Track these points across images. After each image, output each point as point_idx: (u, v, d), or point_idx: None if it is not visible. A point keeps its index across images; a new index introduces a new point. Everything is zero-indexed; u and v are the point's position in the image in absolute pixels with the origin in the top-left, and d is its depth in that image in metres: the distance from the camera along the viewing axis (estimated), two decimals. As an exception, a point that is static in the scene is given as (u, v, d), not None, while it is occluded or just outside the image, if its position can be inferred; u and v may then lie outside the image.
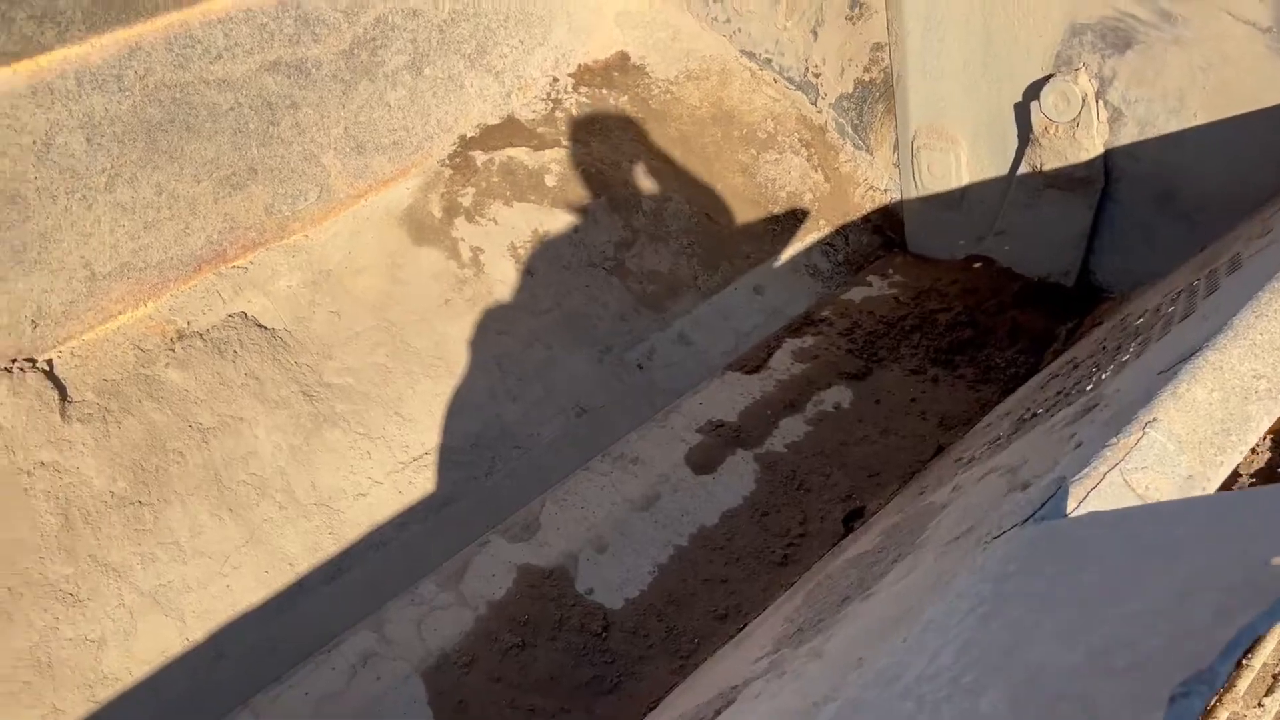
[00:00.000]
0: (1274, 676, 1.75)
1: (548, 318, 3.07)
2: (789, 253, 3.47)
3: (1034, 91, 2.78)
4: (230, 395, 2.78)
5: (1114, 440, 1.42)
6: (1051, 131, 2.80)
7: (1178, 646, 0.75)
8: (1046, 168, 2.87)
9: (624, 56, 3.73)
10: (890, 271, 3.36)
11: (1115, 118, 2.70)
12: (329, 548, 2.61)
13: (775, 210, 3.53)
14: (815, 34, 3.39)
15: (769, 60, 3.60)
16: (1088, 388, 1.93)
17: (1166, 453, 1.41)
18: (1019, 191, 2.99)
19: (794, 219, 3.53)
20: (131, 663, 2.39)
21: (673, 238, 3.37)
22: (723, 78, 3.69)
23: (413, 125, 3.33)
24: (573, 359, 3.02)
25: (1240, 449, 1.48)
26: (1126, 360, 1.93)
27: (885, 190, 3.50)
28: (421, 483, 2.74)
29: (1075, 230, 2.92)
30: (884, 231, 3.54)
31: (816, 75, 3.50)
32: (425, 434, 2.80)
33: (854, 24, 3.27)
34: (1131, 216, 2.83)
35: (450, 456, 2.79)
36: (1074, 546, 1.19)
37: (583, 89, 3.61)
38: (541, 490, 2.77)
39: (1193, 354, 1.55)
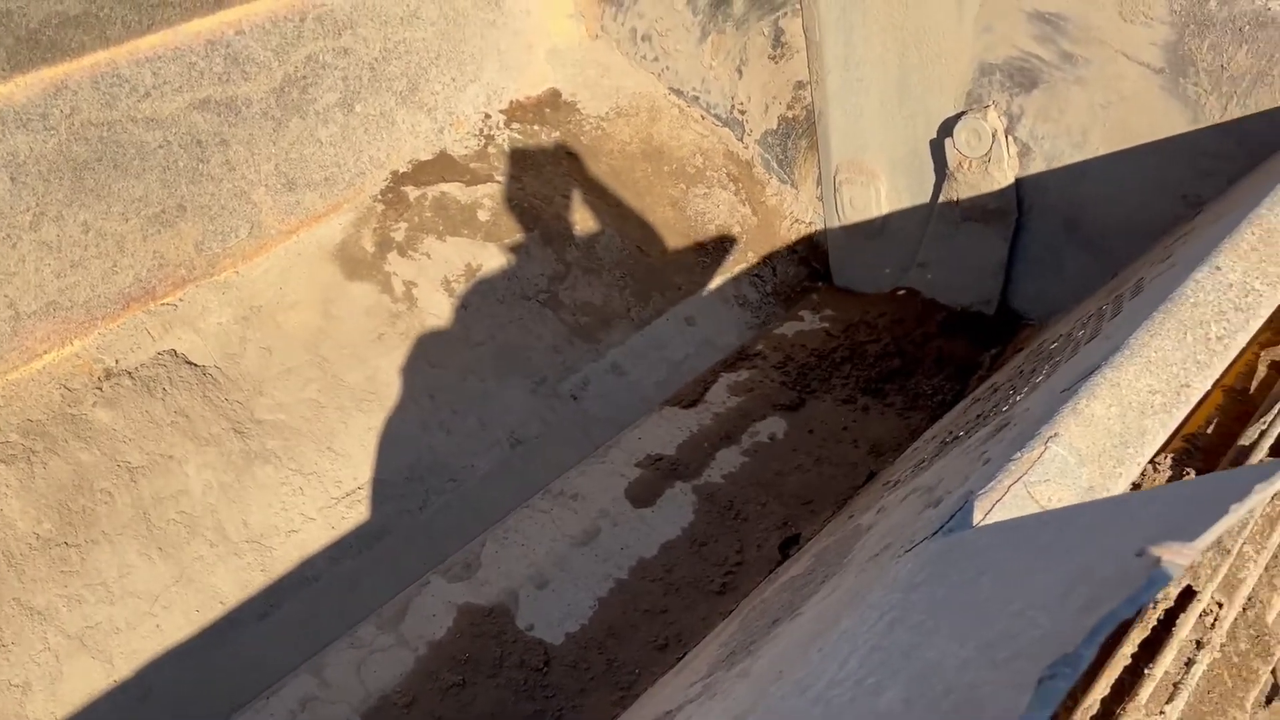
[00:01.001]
0: (1174, 685, 1.83)
1: (481, 350, 3.10)
2: (719, 284, 3.55)
3: (947, 128, 2.90)
4: (159, 434, 2.76)
5: (1018, 455, 1.48)
6: (966, 166, 2.91)
7: (1053, 637, 0.78)
8: (963, 201, 2.99)
9: (555, 93, 3.79)
10: (821, 305, 3.45)
11: (1024, 152, 2.82)
12: (260, 585, 2.60)
13: (705, 242, 3.61)
14: (740, 72, 3.50)
15: (696, 97, 3.70)
16: (1003, 409, 2.01)
17: (1068, 465, 1.48)
18: (938, 224, 3.10)
19: (723, 251, 3.61)
20: (58, 707, 2.36)
21: (605, 270, 3.42)
22: (652, 114, 3.78)
23: (345, 161, 3.35)
24: (507, 390, 3.05)
25: (1138, 461, 1.57)
26: (1039, 382, 2.02)
27: (810, 223, 3.60)
28: (354, 517, 2.74)
29: (993, 260, 3.03)
30: (809, 263, 3.63)
31: (742, 112, 3.60)
32: (358, 469, 2.81)
33: (777, 63, 3.38)
34: (1042, 246, 2.96)
35: (383, 490, 2.80)
36: (974, 554, 1.25)
37: (515, 125, 3.67)
38: (477, 522, 2.79)
39: (1092, 372, 1.62)
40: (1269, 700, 3.05)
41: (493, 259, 3.29)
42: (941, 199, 3.05)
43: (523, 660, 2.41)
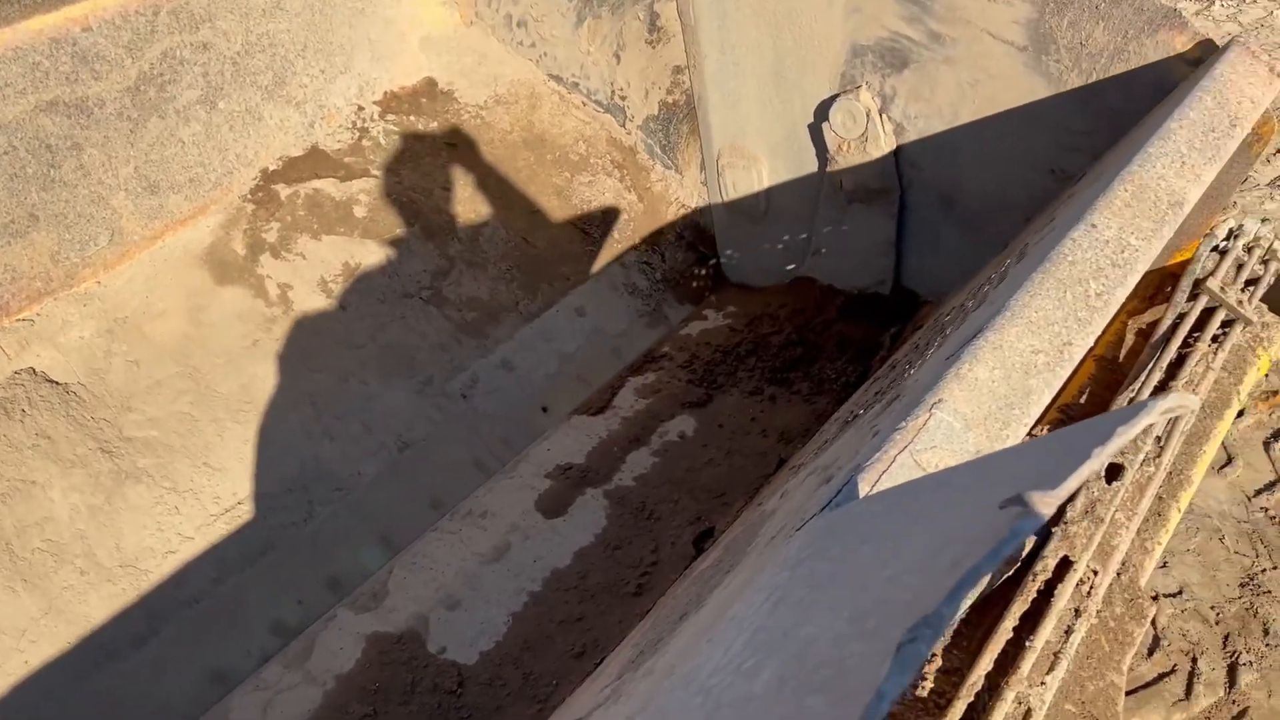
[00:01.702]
0: (1055, 654, 1.86)
1: (363, 352, 3.00)
2: (608, 272, 3.51)
3: (823, 110, 2.90)
4: (19, 458, 2.61)
5: (903, 424, 1.48)
6: (845, 148, 2.93)
7: (920, 600, 0.76)
8: (846, 184, 3.00)
9: (431, 83, 3.69)
10: (723, 302, 3.45)
11: (899, 131, 2.85)
12: (137, 611, 2.48)
13: (592, 231, 3.56)
14: (618, 58, 3.45)
15: (576, 84, 3.64)
16: (897, 384, 2.02)
17: (953, 431, 1.48)
18: (826, 209, 3.11)
19: (611, 239, 3.57)
20: (-82, 757, 2.21)
21: (490, 263, 3.35)
22: (532, 101, 3.71)
23: (210, 161, 3.20)
24: (392, 392, 2.97)
25: (1024, 421, 1.57)
26: (930, 355, 2.02)
27: (696, 208, 3.59)
28: (236, 534, 2.64)
29: (882, 239, 3.05)
30: (697, 248, 3.62)
31: (623, 98, 3.55)
32: (237, 483, 2.70)
33: (654, 48, 3.34)
34: (921, 223, 2.99)
35: (266, 504, 2.69)
36: (856, 526, 1.23)
37: (390, 117, 3.56)
38: (366, 529, 2.72)
39: (974, 336, 1.62)
40: (1150, 653, 3.16)
41: (371, 257, 3.19)
42: (826, 184, 3.06)
43: (435, 684, 2.36)
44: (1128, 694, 3.03)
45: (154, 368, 2.83)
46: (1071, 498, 1.94)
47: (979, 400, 1.51)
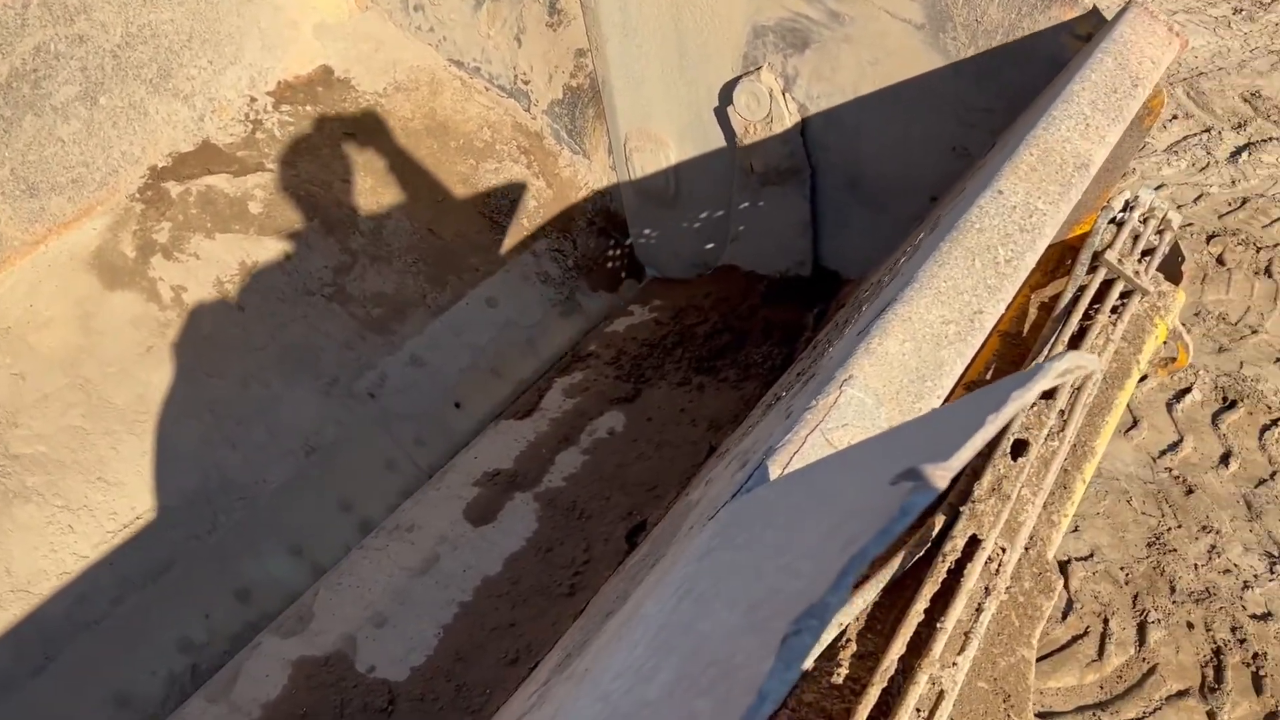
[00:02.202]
0: (966, 634, 1.87)
1: (264, 354, 2.90)
2: (519, 262, 3.45)
3: (727, 93, 2.88)
4: (-104, 481, 2.47)
5: (814, 402, 1.43)
6: (752, 130, 2.91)
7: (812, 587, 0.71)
8: (757, 166, 2.98)
9: (327, 71, 3.57)
10: (649, 297, 3.41)
11: (803, 111, 2.83)
12: (32, 637, 2.37)
13: (500, 220, 3.49)
14: (519, 41, 3.38)
15: (478, 69, 3.56)
16: (816, 363, 1.99)
17: (865, 407, 1.44)
18: (740, 195, 3.08)
19: (520, 227, 3.51)
20: None
21: (395, 256, 3.27)
22: (433, 88, 3.61)
23: (93, 160, 3.06)
24: (296, 395, 2.87)
25: (938, 394, 1.54)
26: (846, 332, 2.00)
27: (606, 193, 3.54)
28: (136, 551, 2.53)
29: (797, 220, 3.04)
30: (610, 233, 3.58)
31: (526, 82, 3.48)
32: (135, 497, 2.59)
33: (555, 31, 3.27)
34: (830, 204, 2.99)
35: (166, 517, 2.59)
36: (761, 510, 1.19)
37: (284, 107, 3.44)
38: (274, 538, 2.63)
39: (884, 309, 1.57)
40: (1064, 616, 3.23)
41: (269, 254, 3.08)
42: (738, 167, 3.03)
43: (365, 704, 2.30)
44: (1043, 659, 3.09)
45: (41, 380, 2.70)
46: (979, 477, 1.95)
47: (890, 374, 1.47)
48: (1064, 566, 3.37)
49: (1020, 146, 1.85)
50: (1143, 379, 3.21)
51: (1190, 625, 3.17)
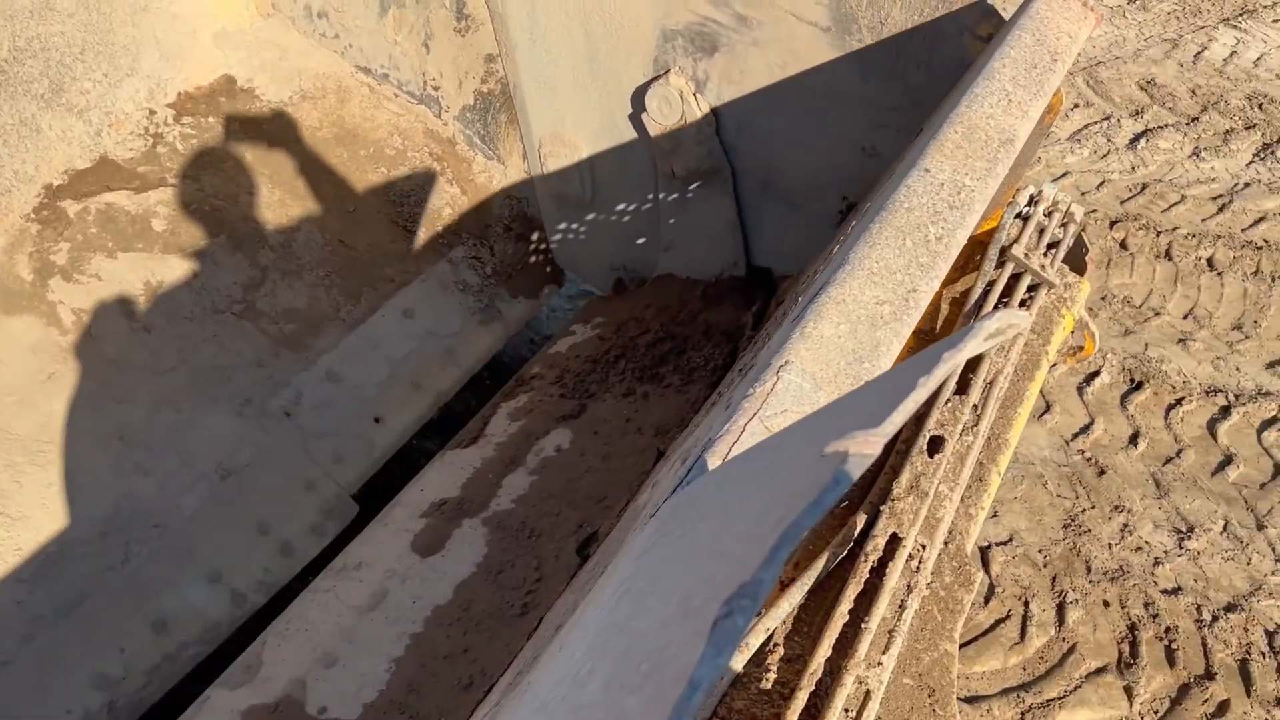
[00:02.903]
0: (890, 632, 1.90)
1: (173, 377, 2.82)
2: (435, 271, 3.40)
3: (640, 98, 2.87)
4: None
5: (751, 390, 1.41)
6: (667, 134, 2.90)
7: (744, 566, 0.68)
8: (678, 170, 2.97)
9: (229, 80, 3.48)
10: (591, 315, 3.38)
11: (717, 114, 2.84)
12: (-65, 683, 2.27)
13: (414, 228, 3.44)
14: (427, 47, 3.33)
15: (386, 75, 3.50)
16: (756, 356, 1.97)
17: (803, 392, 1.42)
18: (666, 200, 3.06)
19: (435, 235, 3.46)
20: None
21: (307, 270, 3.20)
22: (340, 96, 3.54)
23: (-18, 180, 2.93)
24: (209, 418, 2.80)
25: (876, 375, 1.55)
26: (784, 324, 1.99)
27: (523, 198, 3.51)
28: (45, 586, 2.44)
29: (725, 219, 3.03)
30: (528, 238, 3.55)
31: (436, 88, 3.43)
32: (41, 531, 2.49)
33: (463, 36, 3.23)
34: (746, 205, 3.01)
35: (77, 550, 2.50)
36: (698, 502, 1.17)
37: (186, 119, 3.34)
38: (190, 565, 2.56)
39: (817, 293, 1.56)
40: (987, 601, 3.30)
41: (175, 272, 2.99)
42: (660, 173, 3.01)
43: None
44: (968, 644, 3.17)
45: (-66, 413, 2.58)
46: (897, 475, 1.98)
47: (827, 358, 1.45)
48: (985, 552, 3.46)
49: (944, 125, 1.85)
50: (1052, 368, 3.31)
51: (1106, 604, 3.28)
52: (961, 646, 3.17)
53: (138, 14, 3.28)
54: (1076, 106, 5.65)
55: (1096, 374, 4.07)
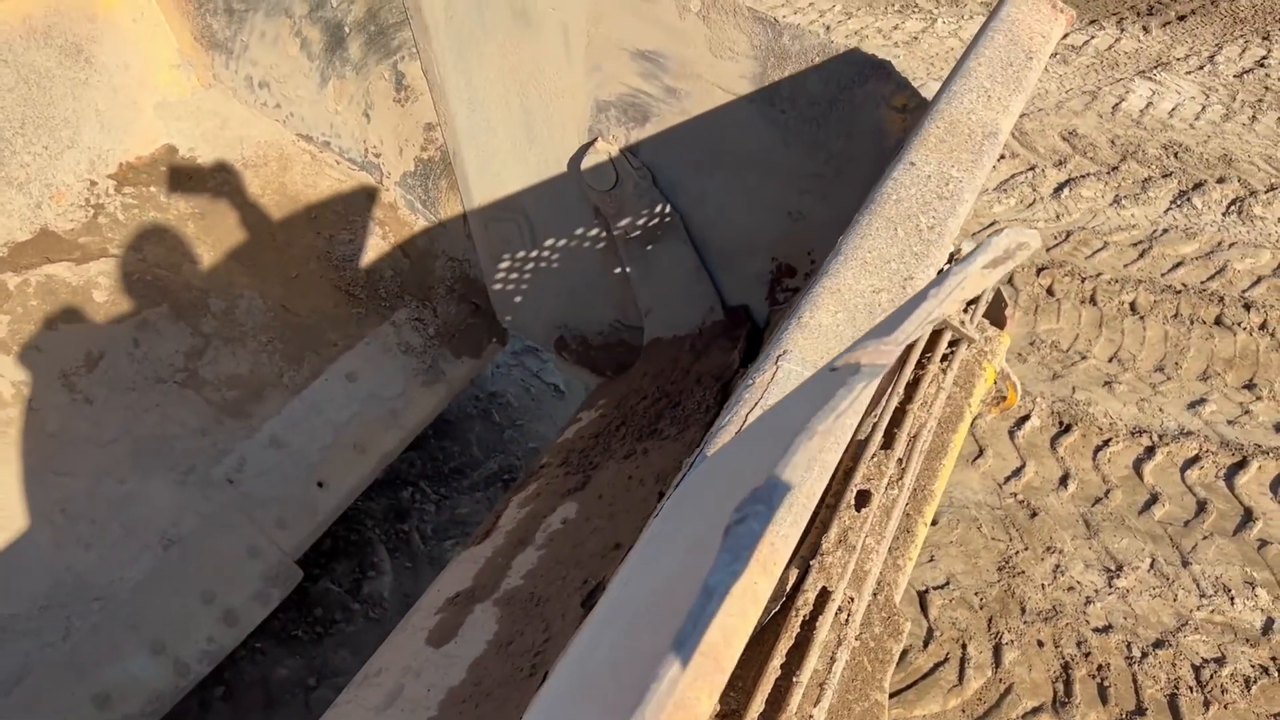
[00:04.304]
0: (821, 685, 1.97)
1: (116, 448, 2.83)
2: (378, 333, 3.45)
3: (575, 164, 2.96)
4: None
5: (751, 380, 1.40)
6: (610, 199, 2.98)
7: (757, 478, 0.64)
8: (631, 233, 3.02)
9: (171, 150, 3.52)
10: (595, 400, 3.40)
11: (650, 177, 2.93)
12: None
13: (357, 293, 3.49)
14: (368, 116, 3.40)
15: (328, 142, 3.56)
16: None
17: (802, 380, 1.38)
18: (631, 264, 3.09)
19: (378, 299, 3.51)
20: None
21: (249, 336, 3.23)
22: (282, 163, 3.60)
23: (-80, 254, 2.94)
24: (151, 487, 2.81)
25: None
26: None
27: (465, 260, 3.58)
28: (-17, 664, 2.43)
29: (689, 267, 3.04)
30: (469, 299, 3.62)
31: (377, 155, 3.50)
32: (-20, 608, 2.48)
33: (403, 106, 3.31)
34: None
35: (15, 627, 2.49)
36: (708, 474, 1.13)
37: (127, 189, 3.37)
38: (132, 638, 2.56)
39: (811, 285, 1.55)
40: (925, 645, 3.37)
41: (117, 343, 3.00)
42: (617, 239, 3.05)
43: None
44: (908, 688, 3.24)
45: None
46: (826, 530, 2.04)
47: (826, 346, 1.44)
48: (923, 596, 3.54)
49: (926, 120, 1.85)
50: (975, 419, 3.42)
51: (1040, 643, 3.38)
52: (901, 691, 3.24)
53: (78, 87, 3.32)
54: (1003, 157, 5.87)
55: (1027, 418, 4.21)
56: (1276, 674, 3.28)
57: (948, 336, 2.43)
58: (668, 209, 2.94)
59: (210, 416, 2.98)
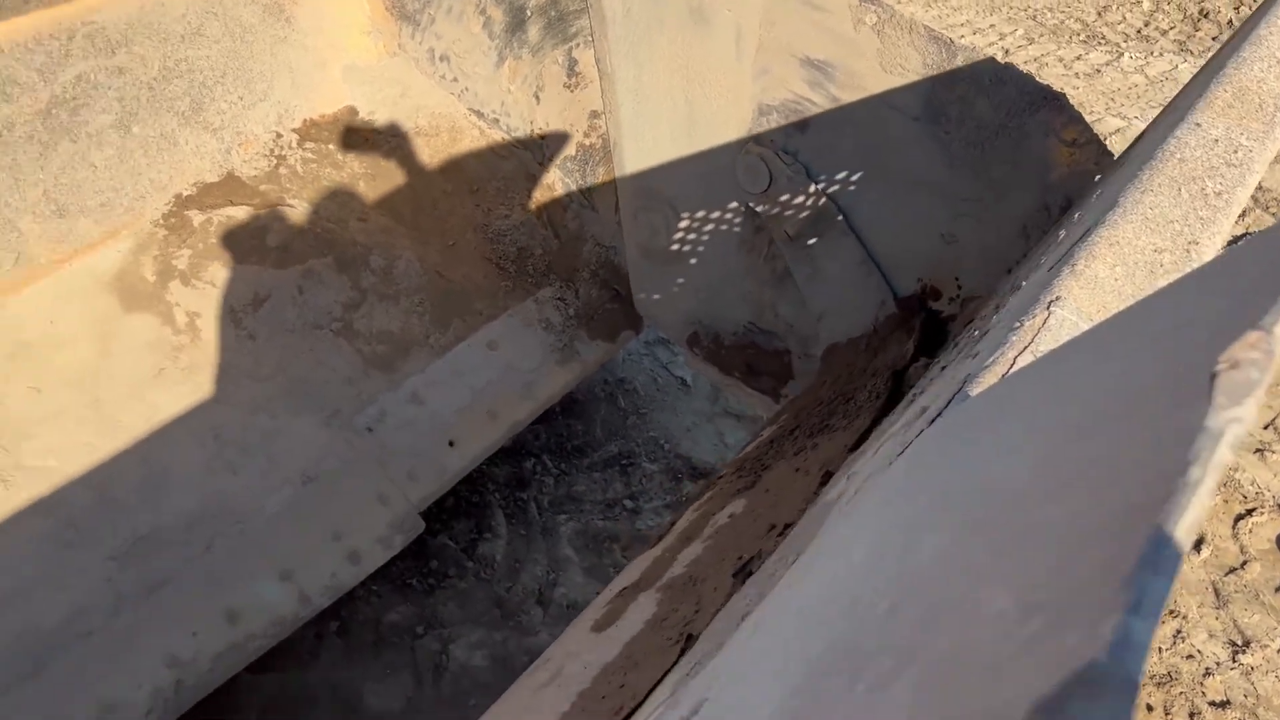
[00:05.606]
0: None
1: (270, 384, 3.02)
2: (522, 308, 3.57)
3: (733, 167, 3.00)
4: (-90, 485, 2.58)
5: (1018, 324, 1.31)
6: (765, 200, 3.01)
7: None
8: (790, 229, 3.02)
9: (352, 111, 3.72)
10: (776, 417, 3.42)
11: (804, 173, 2.94)
12: (29, 643, 2.47)
13: (507, 266, 3.62)
14: (538, 98, 3.52)
15: (497, 120, 3.70)
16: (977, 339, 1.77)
17: (1078, 329, 1.28)
18: (796, 266, 3.09)
19: (525, 275, 3.63)
20: None
21: (403, 296, 3.39)
22: (453, 135, 3.76)
23: (122, 185, 3.19)
24: (298, 426, 2.99)
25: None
26: (1007, 299, 1.79)
27: (611, 246, 3.67)
28: (132, 568, 2.63)
29: (855, 260, 3.00)
30: (611, 285, 3.70)
31: (542, 137, 3.62)
32: (136, 516, 2.69)
33: (572, 91, 3.41)
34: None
35: (163, 537, 2.70)
36: (977, 419, 1.01)
37: (308, 145, 3.58)
38: (263, 562, 2.73)
39: (1085, 235, 1.44)
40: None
41: (283, 287, 3.20)
42: (780, 241, 3.05)
43: None
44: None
45: (56, 395, 2.82)
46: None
47: (1103, 299, 1.33)
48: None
49: (1213, 85, 1.72)
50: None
51: (1150, 708, 3.25)
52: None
53: (276, 44, 3.54)
54: None
55: (1166, 475, 4.03)
56: None
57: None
58: (823, 199, 2.89)
59: (359, 366, 3.15)
